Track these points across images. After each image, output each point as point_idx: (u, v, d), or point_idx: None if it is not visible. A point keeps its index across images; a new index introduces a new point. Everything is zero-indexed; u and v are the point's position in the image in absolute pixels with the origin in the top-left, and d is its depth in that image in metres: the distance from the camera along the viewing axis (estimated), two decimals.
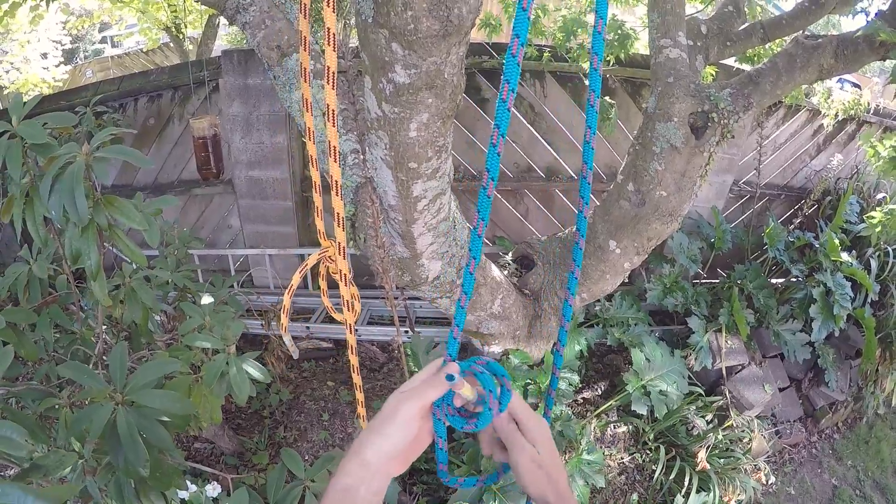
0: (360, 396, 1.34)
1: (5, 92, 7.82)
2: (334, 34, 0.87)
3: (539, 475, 0.96)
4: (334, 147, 0.94)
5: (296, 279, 1.14)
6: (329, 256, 1.24)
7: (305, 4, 0.90)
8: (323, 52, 2.47)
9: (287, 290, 1.15)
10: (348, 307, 1.21)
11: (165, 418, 1.64)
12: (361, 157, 1.81)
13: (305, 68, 1.00)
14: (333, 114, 0.90)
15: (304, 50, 0.98)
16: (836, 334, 4.70)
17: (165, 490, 1.79)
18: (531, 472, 0.96)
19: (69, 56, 11.04)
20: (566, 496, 0.97)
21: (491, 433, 1.03)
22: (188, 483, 2.68)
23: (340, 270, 1.13)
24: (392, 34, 1.17)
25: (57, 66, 8.17)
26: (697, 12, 4.29)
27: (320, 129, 2.21)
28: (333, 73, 0.88)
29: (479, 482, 1.02)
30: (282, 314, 1.19)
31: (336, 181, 0.98)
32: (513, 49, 0.80)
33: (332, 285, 1.33)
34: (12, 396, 2.04)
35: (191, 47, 8.82)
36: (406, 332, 4.58)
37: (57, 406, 1.93)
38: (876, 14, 2.91)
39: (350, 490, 0.87)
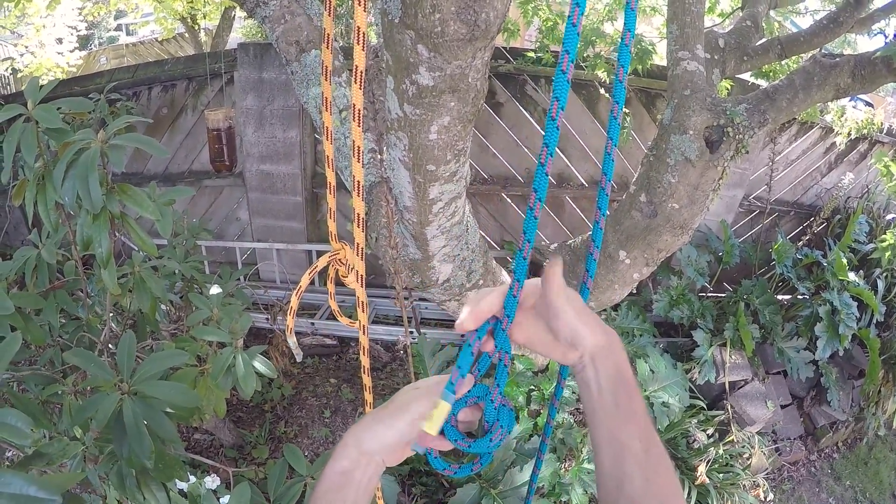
0: (368, 398, 1.34)
1: (19, 75, 7.84)
2: (364, 32, 0.86)
3: (589, 322, 0.86)
4: (358, 147, 0.93)
5: (305, 280, 1.13)
6: (339, 259, 1.23)
7: (330, 1, 0.90)
8: (342, 49, 2.47)
9: (295, 291, 1.14)
10: (362, 308, 1.21)
11: (171, 410, 1.63)
12: (379, 156, 1.80)
13: (327, 66, 0.99)
14: (359, 113, 0.90)
15: (327, 47, 0.97)
16: (841, 354, 4.69)
17: (167, 481, 1.79)
18: (579, 321, 0.86)
19: (84, 42, 11.06)
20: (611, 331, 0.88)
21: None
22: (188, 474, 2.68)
23: (356, 271, 1.13)
24: (419, 36, 1.16)
25: (72, 51, 8.16)
26: (715, 26, 4.28)
27: (336, 127, 2.20)
28: (362, 72, 0.87)
29: (475, 467, 0.98)
30: (289, 316, 1.17)
31: (358, 181, 0.97)
32: (563, 65, 0.76)
33: (337, 283, 1.31)
34: (15, 381, 2.04)
35: (205, 38, 8.84)
36: (412, 332, 4.58)
37: (60, 393, 1.92)
38: (895, 35, 2.90)
39: (347, 473, 0.88)
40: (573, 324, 0.86)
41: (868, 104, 8.76)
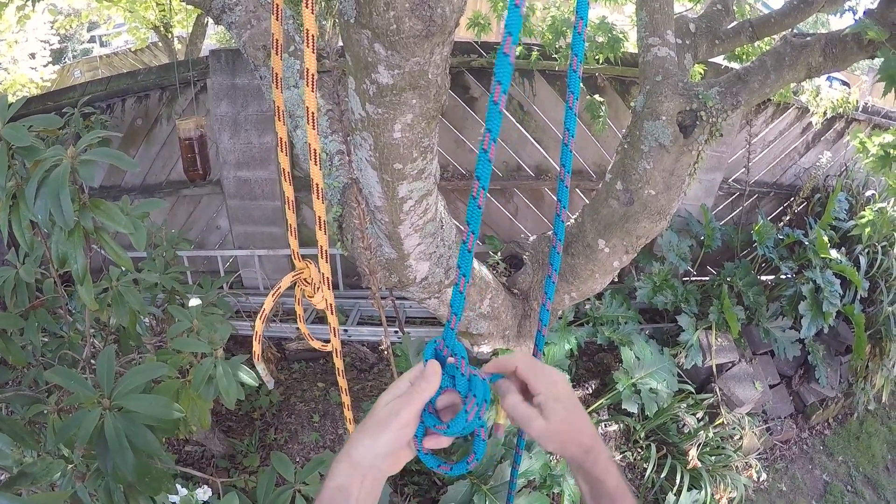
0: (346, 399, 1.34)
1: None
2: (314, 35, 0.86)
3: (557, 438, 0.93)
4: (315, 149, 0.93)
5: (268, 303, 1.12)
6: (304, 279, 1.22)
7: (278, 5, 0.89)
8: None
9: (259, 315, 1.13)
10: (331, 310, 1.21)
11: (153, 423, 1.63)
12: (347, 157, 1.80)
13: (277, 74, 0.99)
14: (313, 116, 0.90)
15: (276, 54, 0.97)
16: (826, 331, 4.73)
17: (155, 495, 1.78)
18: (547, 439, 0.93)
19: (58, 56, 10.97)
20: (591, 442, 0.95)
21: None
22: (178, 487, 2.67)
23: (322, 274, 1.13)
24: (374, 34, 1.16)
25: (45, 65, 8.12)
26: (686, 10, 4.30)
27: (304, 129, 2.19)
28: (313, 74, 0.87)
29: (470, 463, 0.98)
30: (254, 341, 1.16)
31: (318, 184, 0.97)
32: (505, 47, 0.76)
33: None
34: (1, 402, 2.03)
35: (179, 47, 8.78)
36: (395, 332, 4.58)
37: (45, 412, 1.91)
38: (864, 12, 2.91)
39: (343, 489, 0.87)
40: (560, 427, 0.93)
41: (844, 83, 8.81)
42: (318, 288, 1.22)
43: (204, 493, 2.80)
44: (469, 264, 0.88)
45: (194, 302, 2.64)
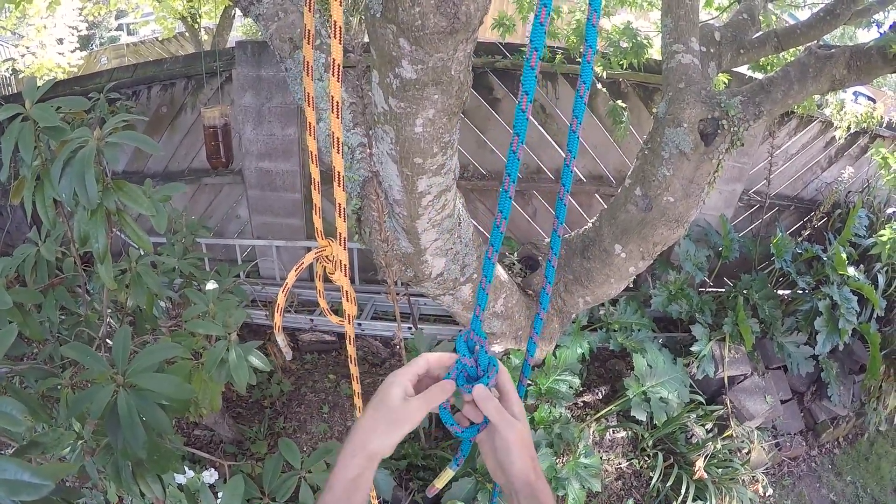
0: (356, 387, 1.35)
1: (20, 76, 7.88)
2: (340, 27, 0.88)
3: (525, 452, 0.95)
4: (337, 138, 0.95)
5: (291, 277, 1.15)
6: (325, 256, 1.24)
7: None
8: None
9: (282, 288, 1.16)
10: (347, 297, 1.23)
11: (165, 402, 1.65)
12: (368, 151, 1.82)
13: (308, 62, 1.01)
14: (338, 105, 0.92)
15: (308, 44, 0.99)
16: (841, 348, 4.68)
17: (162, 473, 1.81)
18: (520, 449, 0.95)
19: (85, 42, 11.08)
20: (540, 472, 0.97)
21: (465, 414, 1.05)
22: (186, 468, 2.70)
23: (339, 261, 1.15)
24: (399, 29, 1.18)
25: (73, 51, 8.20)
26: (712, 19, 4.28)
27: (327, 122, 2.22)
28: (339, 65, 0.89)
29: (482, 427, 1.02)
30: (276, 313, 1.19)
31: (339, 172, 0.99)
32: (531, 61, 0.84)
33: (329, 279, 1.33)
34: (16, 375, 2.07)
35: (206, 37, 8.86)
36: (409, 328, 4.60)
37: (59, 386, 1.95)
38: (890, 26, 2.89)
39: (356, 479, 0.91)
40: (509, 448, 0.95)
41: (870, 99, 8.72)
42: (339, 264, 1.24)
43: (210, 475, 2.83)
44: (491, 271, 0.99)
45: (211, 286, 2.67)
